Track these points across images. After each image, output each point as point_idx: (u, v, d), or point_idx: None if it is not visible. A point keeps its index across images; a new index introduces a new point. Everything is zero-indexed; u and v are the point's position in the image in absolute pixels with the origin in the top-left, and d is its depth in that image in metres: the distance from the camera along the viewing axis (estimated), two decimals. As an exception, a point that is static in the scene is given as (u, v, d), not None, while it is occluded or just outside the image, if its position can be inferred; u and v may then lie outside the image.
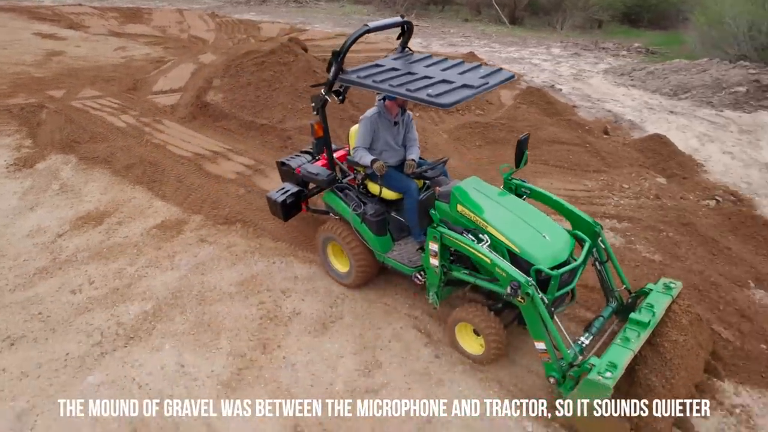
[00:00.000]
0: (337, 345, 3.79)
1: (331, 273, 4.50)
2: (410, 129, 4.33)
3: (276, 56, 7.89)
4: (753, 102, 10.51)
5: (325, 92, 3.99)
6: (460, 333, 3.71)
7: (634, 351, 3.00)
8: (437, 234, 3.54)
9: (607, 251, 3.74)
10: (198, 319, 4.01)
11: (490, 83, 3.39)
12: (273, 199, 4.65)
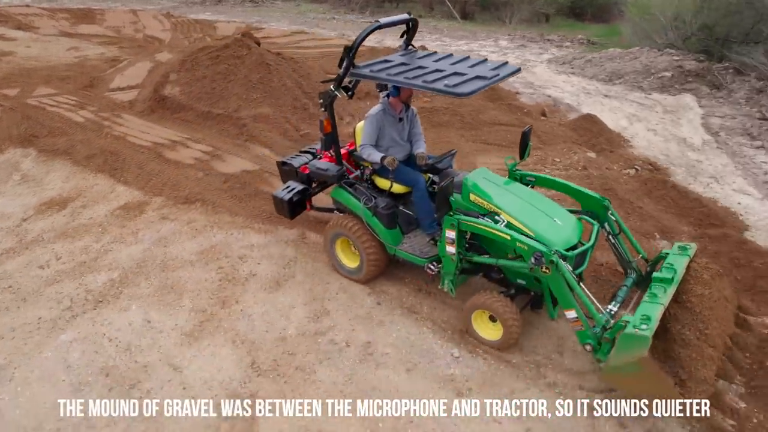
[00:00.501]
0: (290, 298, 4.24)
1: (340, 270, 4.51)
2: (415, 124, 4.45)
3: (230, 50, 8.24)
4: (677, 86, 11.46)
5: (335, 88, 4.05)
6: (476, 321, 3.81)
7: (663, 304, 3.08)
8: (454, 221, 3.58)
9: (618, 223, 3.86)
10: (162, 283, 4.39)
11: (500, 74, 3.52)
12: (279, 197, 4.63)
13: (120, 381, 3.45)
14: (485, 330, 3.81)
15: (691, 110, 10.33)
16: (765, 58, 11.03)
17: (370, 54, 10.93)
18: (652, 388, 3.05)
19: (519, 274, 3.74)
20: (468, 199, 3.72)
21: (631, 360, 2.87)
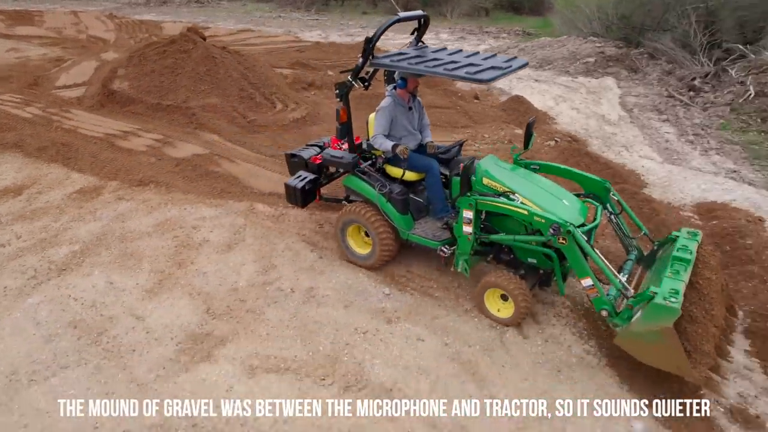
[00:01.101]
0: (240, 257, 4.74)
1: (351, 257, 4.67)
2: (423, 114, 4.71)
3: (176, 45, 8.59)
4: (600, 69, 12.53)
5: (352, 78, 4.23)
6: (488, 300, 4.02)
7: (685, 282, 3.31)
8: (472, 201, 3.76)
9: (620, 203, 4.11)
10: (122, 252, 4.79)
11: (513, 66, 3.82)
12: (292, 186, 4.82)
13: (87, 331, 3.86)
14: (496, 308, 4.03)
15: (611, 91, 11.36)
16: (673, 43, 12.21)
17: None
18: (666, 361, 3.20)
19: (529, 253, 3.94)
20: (481, 183, 3.93)
21: (655, 329, 3.06)
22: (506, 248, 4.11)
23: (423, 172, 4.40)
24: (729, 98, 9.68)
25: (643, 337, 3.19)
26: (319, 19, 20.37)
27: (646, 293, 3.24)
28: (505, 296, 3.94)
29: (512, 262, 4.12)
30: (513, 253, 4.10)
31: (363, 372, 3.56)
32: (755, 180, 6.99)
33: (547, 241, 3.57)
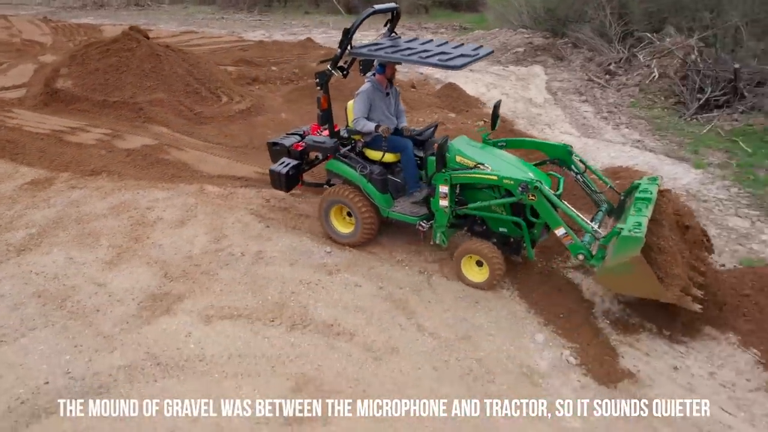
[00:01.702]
0: (193, 231, 5.15)
1: (333, 235, 4.98)
2: (399, 101, 5.05)
3: (119, 44, 8.79)
4: (529, 59, 13.48)
5: (332, 67, 4.52)
6: (465, 266, 4.43)
7: (648, 216, 3.65)
8: (447, 176, 4.15)
9: (582, 162, 4.49)
10: (79, 232, 5.10)
11: (480, 54, 4.19)
12: (277, 171, 5.08)
13: (52, 299, 4.19)
14: (472, 274, 4.43)
15: (539, 77, 12.30)
16: (592, 33, 13.30)
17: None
18: (641, 287, 3.60)
19: (500, 223, 4.36)
20: (455, 161, 4.29)
21: (626, 260, 3.37)
22: (479, 220, 4.53)
23: (399, 152, 4.74)
24: (638, 80, 10.77)
25: (618, 270, 3.51)
26: (262, 20, 20.63)
27: (614, 230, 3.65)
28: (480, 262, 4.38)
29: (485, 233, 4.50)
30: (486, 225, 4.52)
31: (307, 313, 4.09)
32: (655, 148, 7.95)
33: (518, 200, 3.96)
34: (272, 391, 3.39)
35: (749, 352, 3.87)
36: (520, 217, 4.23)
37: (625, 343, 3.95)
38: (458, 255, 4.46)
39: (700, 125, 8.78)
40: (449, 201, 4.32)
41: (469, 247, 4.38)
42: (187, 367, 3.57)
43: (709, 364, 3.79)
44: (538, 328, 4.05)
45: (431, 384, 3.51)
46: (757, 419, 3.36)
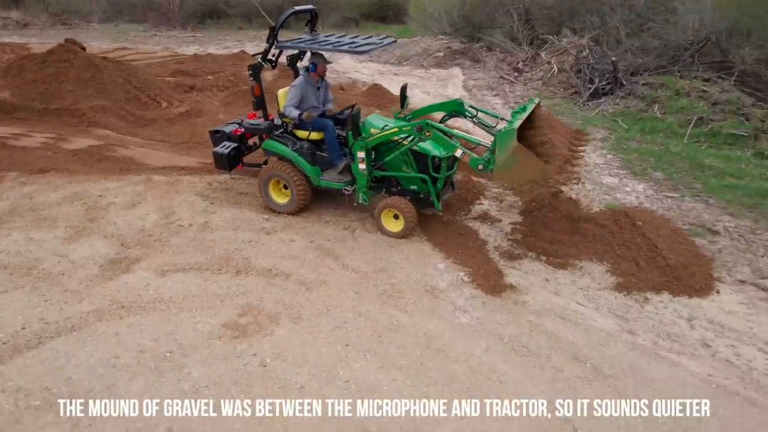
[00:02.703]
0: (144, 210, 5.78)
1: (272, 206, 5.71)
2: (328, 92, 5.87)
3: (56, 55, 9.19)
4: (448, 62, 14.77)
5: (262, 59, 5.36)
6: (384, 219, 5.29)
7: (521, 119, 4.45)
8: (362, 143, 5.00)
9: (473, 107, 5.23)
10: (35, 218, 5.60)
11: (384, 42, 5.28)
12: (220, 152, 5.83)
13: (17, 269, 4.72)
14: (390, 225, 5.30)
15: (457, 77, 13.58)
16: (504, 37, 14.78)
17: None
18: (530, 172, 4.26)
19: (411, 182, 5.26)
20: (368, 132, 5.13)
21: (509, 152, 4.00)
22: (395, 182, 5.42)
23: (322, 130, 5.52)
24: (541, 75, 12.23)
25: (507, 163, 4.20)
26: (195, 36, 21.04)
27: (496, 135, 4.44)
28: (397, 215, 5.26)
29: (400, 192, 5.39)
30: (400, 185, 5.41)
31: (249, 263, 4.85)
32: (551, 129, 9.24)
33: (421, 137, 4.83)
34: (222, 317, 4.13)
35: (602, 266, 4.98)
36: (426, 174, 5.19)
37: (509, 267, 4.97)
38: (378, 210, 5.34)
39: (591, 110, 10.22)
40: (366, 164, 5.23)
41: (387, 203, 5.28)
42: (149, 307, 4.25)
43: (572, 276, 4.87)
44: (440, 260, 5.00)
45: (353, 303, 4.36)
46: (601, 307, 4.44)
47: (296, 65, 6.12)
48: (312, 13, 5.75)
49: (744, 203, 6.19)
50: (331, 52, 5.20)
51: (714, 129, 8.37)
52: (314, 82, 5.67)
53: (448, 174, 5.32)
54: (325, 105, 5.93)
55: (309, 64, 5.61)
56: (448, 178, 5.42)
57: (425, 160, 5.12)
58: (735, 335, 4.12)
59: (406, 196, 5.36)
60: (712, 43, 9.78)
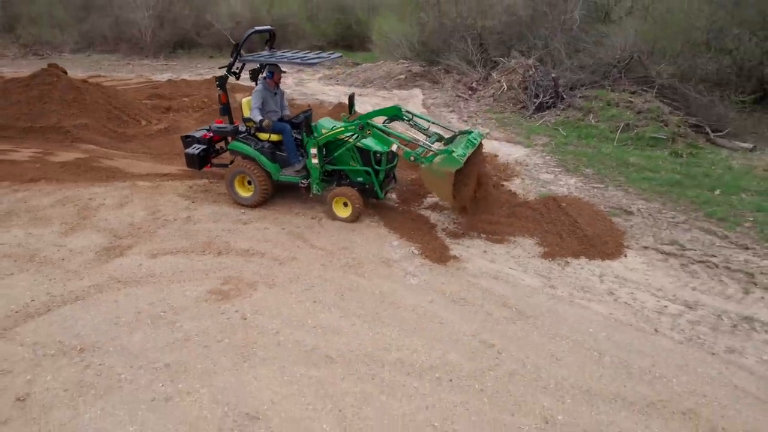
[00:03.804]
0: (132, 209, 6.45)
1: (238, 200, 6.51)
2: (284, 99, 6.78)
3: (39, 79, 9.81)
4: (409, 83, 15.87)
5: (227, 71, 6.29)
6: (335, 206, 6.14)
7: (469, 152, 5.38)
8: (315, 141, 5.94)
9: (409, 112, 6.03)
10: (31, 218, 6.20)
11: (331, 56, 6.36)
12: (191, 153, 6.58)
13: (20, 257, 5.32)
14: (340, 211, 6.18)
15: (417, 97, 14.66)
16: (459, 60, 16.02)
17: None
18: (442, 193, 5.44)
19: (358, 174, 6.18)
20: (320, 132, 6.04)
21: (444, 171, 5.08)
22: (344, 174, 6.35)
23: (281, 133, 6.38)
24: (492, 92, 13.40)
25: (436, 174, 5.25)
26: (168, 64, 21.78)
27: (448, 149, 5.36)
28: (346, 203, 6.13)
29: (349, 183, 6.32)
30: (348, 177, 6.34)
31: (229, 246, 5.57)
32: (500, 137, 10.30)
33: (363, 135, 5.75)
34: (207, 286, 4.84)
35: (532, 239, 5.89)
36: (369, 167, 6.11)
37: (454, 243, 5.82)
38: (330, 198, 6.23)
39: (535, 121, 11.35)
40: (318, 159, 6.14)
41: (338, 192, 6.17)
42: (143, 281, 4.92)
43: (507, 248, 5.75)
44: (395, 239, 5.83)
45: (320, 272, 5.13)
46: (528, 270, 5.31)
47: (258, 78, 6.97)
48: (270, 33, 6.78)
49: (656, 191, 7.25)
50: (287, 64, 6.15)
51: (639, 133, 9.54)
52: (272, 89, 6.54)
53: (389, 167, 6.29)
54: (282, 111, 6.83)
55: (266, 73, 6.55)
56: (390, 170, 6.40)
57: (368, 155, 6.06)
58: (634, 286, 5.04)
59: (354, 187, 6.23)
60: (635, 61, 11.09)
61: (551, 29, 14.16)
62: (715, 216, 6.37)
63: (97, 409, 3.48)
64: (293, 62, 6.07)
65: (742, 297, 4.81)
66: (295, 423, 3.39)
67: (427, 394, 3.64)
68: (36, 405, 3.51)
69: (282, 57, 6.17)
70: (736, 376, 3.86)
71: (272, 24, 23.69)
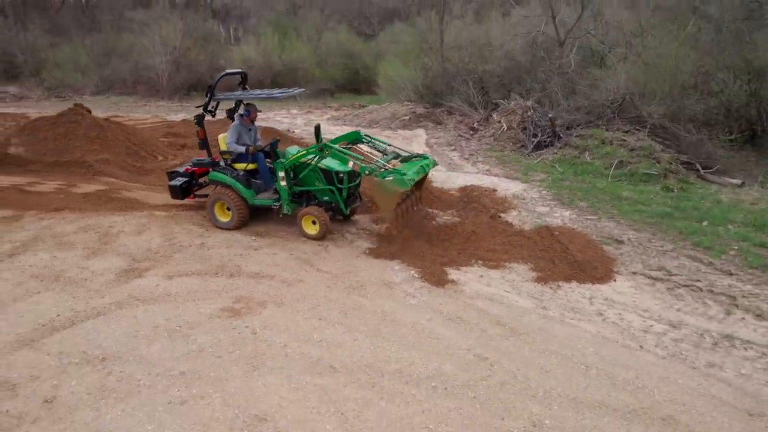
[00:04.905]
0: (150, 236, 6.86)
1: (218, 224, 7.09)
2: (257, 133, 7.46)
3: (65, 117, 10.48)
4: (413, 124, 16.56)
5: (204, 110, 7.00)
6: (304, 223, 6.71)
7: (419, 177, 6.22)
8: (282, 165, 6.60)
9: (368, 137, 7.06)
10: (56, 243, 6.62)
11: (295, 92, 7.05)
12: (174, 185, 7.25)
13: (47, 278, 5.69)
14: (309, 228, 6.74)
15: (421, 137, 15.28)
16: (462, 102, 16.75)
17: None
18: (385, 205, 6.20)
19: (324, 194, 6.79)
20: (288, 158, 6.71)
21: (392, 189, 5.84)
22: (312, 196, 6.95)
23: (255, 162, 7.13)
24: (492, 132, 13.99)
25: (385, 189, 5.94)
26: (182, 105, 22.76)
27: (400, 171, 6.00)
28: (315, 221, 6.67)
29: (317, 204, 6.88)
30: (315, 197, 6.94)
31: (241, 269, 5.94)
32: (499, 173, 10.76)
33: (322, 156, 6.38)
34: (220, 304, 5.18)
35: (526, 265, 6.21)
36: (333, 186, 6.70)
37: (452, 269, 6.15)
38: (300, 217, 6.79)
39: (534, 159, 11.84)
40: (287, 181, 6.76)
41: (306, 211, 6.75)
42: (160, 299, 5.27)
43: (502, 273, 6.07)
44: (397, 264, 6.17)
45: (325, 293, 5.46)
46: (522, 293, 5.61)
47: (233, 115, 7.56)
48: (242, 74, 7.71)
49: (647, 222, 7.60)
50: (255, 99, 7.00)
51: (632, 170, 9.97)
52: (246, 125, 7.23)
53: (352, 185, 6.85)
54: (255, 143, 7.46)
55: (243, 111, 7.30)
56: (353, 189, 7.03)
57: (331, 175, 6.66)
58: (622, 307, 5.32)
59: (321, 206, 6.80)
60: (627, 102, 11.66)
61: (548, 73, 14.88)
62: (701, 245, 6.69)
63: (118, 411, 3.77)
64: (260, 97, 6.91)
65: (724, 317, 5.08)
66: (300, 424, 3.66)
67: (423, 400, 3.91)
68: (62, 406, 3.81)
69: (251, 93, 7.03)
70: (715, 387, 4.10)
71: (283, 68, 24.99)
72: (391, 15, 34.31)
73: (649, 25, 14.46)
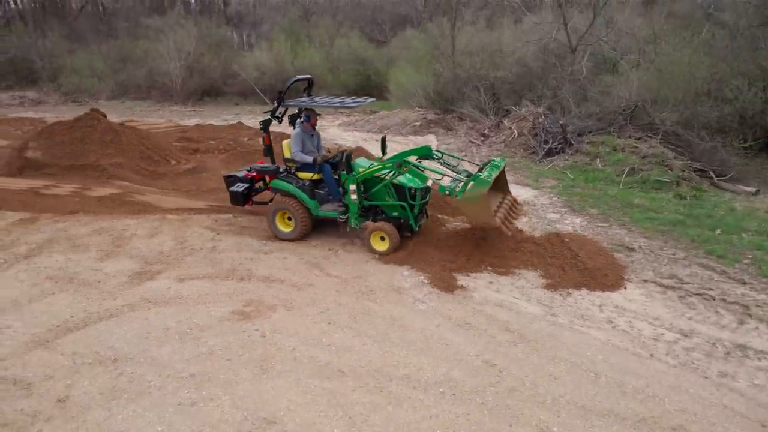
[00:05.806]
0: (162, 239, 6.94)
1: (279, 235, 6.89)
2: (319, 140, 7.26)
3: (82, 122, 10.67)
4: (424, 130, 16.58)
5: (271, 115, 6.91)
6: (373, 240, 6.44)
7: (496, 174, 5.96)
8: (354, 179, 6.36)
9: (439, 151, 6.68)
10: (71, 245, 6.73)
11: (367, 101, 6.89)
12: (235, 191, 7.08)
13: (62, 279, 5.79)
14: (378, 245, 6.47)
15: (431, 143, 15.27)
16: (472, 108, 16.76)
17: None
18: (481, 215, 5.84)
19: (393, 209, 6.59)
20: (357, 171, 6.53)
21: (477, 194, 5.59)
22: (380, 210, 6.75)
23: (321, 172, 6.86)
24: (503, 138, 13.97)
25: (470, 199, 5.76)
26: (196, 110, 23.05)
27: (475, 176, 5.97)
28: (384, 237, 6.46)
29: (385, 218, 6.68)
30: (384, 213, 6.74)
31: (251, 273, 5.99)
32: (510, 180, 10.58)
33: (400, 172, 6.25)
34: (230, 307, 5.23)
35: (536, 272, 6.19)
36: (405, 202, 6.55)
37: (461, 275, 6.14)
38: (368, 233, 6.54)
39: (545, 165, 11.80)
40: (357, 195, 6.56)
41: (376, 227, 6.51)
42: (171, 302, 5.34)
43: (511, 279, 6.05)
44: (406, 269, 6.18)
45: (335, 297, 5.49)
46: (531, 299, 5.59)
47: (295, 122, 7.55)
48: (309, 81, 7.45)
49: (658, 229, 7.53)
50: (327, 108, 6.76)
51: (644, 177, 9.89)
52: (308, 131, 7.08)
53: (423, 202, 6.70)
54: (319, 151, 7.36)
55: (303, 117, 7.11)
56: (423, 206, 6.80)
57: (403, 191, 6.49)
58: (632, 315, 5.28)
59: (390, 222, 6.62)
60: (640, 109, 11.59)
61: (560, 80, 14.85)
62: (714, 253, 6.61)
63: (129, 411, 3.82)
64: (333, 105, 6.67)
65: (737, 327, 5.02)
66: (308, 428, 3.68)
67: (431, 405, 3.91)
68: (75, 406, 3.87)
69: (322, 102, 6.77)
70: (727, 397, 4.05)
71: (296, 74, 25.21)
72: (403, 21, 34.42)
73: (662, 32, 14.39)
